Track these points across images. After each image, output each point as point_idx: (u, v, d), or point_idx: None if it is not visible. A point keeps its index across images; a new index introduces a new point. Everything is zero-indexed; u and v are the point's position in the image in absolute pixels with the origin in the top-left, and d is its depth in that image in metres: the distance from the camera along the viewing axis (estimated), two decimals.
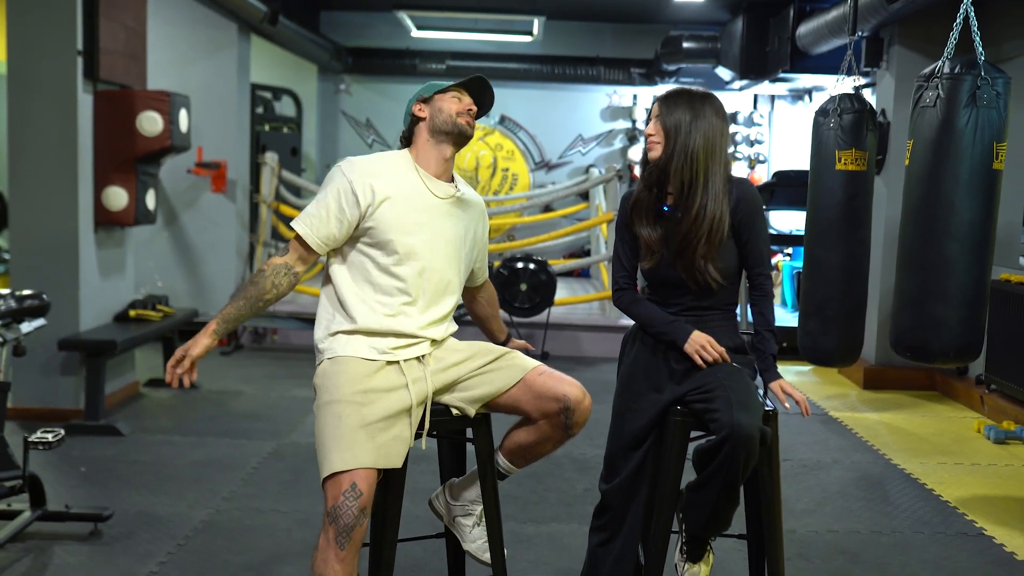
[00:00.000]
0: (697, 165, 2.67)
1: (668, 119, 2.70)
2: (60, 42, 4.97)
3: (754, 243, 2.75)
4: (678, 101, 2.71)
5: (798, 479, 4.56)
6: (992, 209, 3.64)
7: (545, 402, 2.61)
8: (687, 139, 2.67)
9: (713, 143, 2.69)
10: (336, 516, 2.35)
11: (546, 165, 10.85)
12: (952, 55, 3.66)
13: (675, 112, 2.70)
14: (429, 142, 2.70)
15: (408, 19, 9.15)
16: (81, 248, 5.13)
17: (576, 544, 3.60)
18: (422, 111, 2.71)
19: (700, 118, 2.69)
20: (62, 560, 3.41)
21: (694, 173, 2.67)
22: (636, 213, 2.78)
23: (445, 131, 2.68)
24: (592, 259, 8.37)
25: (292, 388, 6.13)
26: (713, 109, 2.72)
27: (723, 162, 2.72)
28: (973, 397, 5.99)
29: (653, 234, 2.74)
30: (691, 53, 9.14)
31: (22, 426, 4.88)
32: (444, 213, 2.67)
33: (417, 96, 2.73)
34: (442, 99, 2.69)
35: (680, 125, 2.68)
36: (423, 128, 2.71)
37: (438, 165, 2.70)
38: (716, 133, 2.70)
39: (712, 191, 2.68)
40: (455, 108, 2.68)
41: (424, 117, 2.70)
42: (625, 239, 2.82)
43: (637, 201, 2.78)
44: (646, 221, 2.76)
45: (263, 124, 8.79)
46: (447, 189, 2.70)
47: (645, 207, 2.76)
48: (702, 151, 2.67)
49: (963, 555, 3.70)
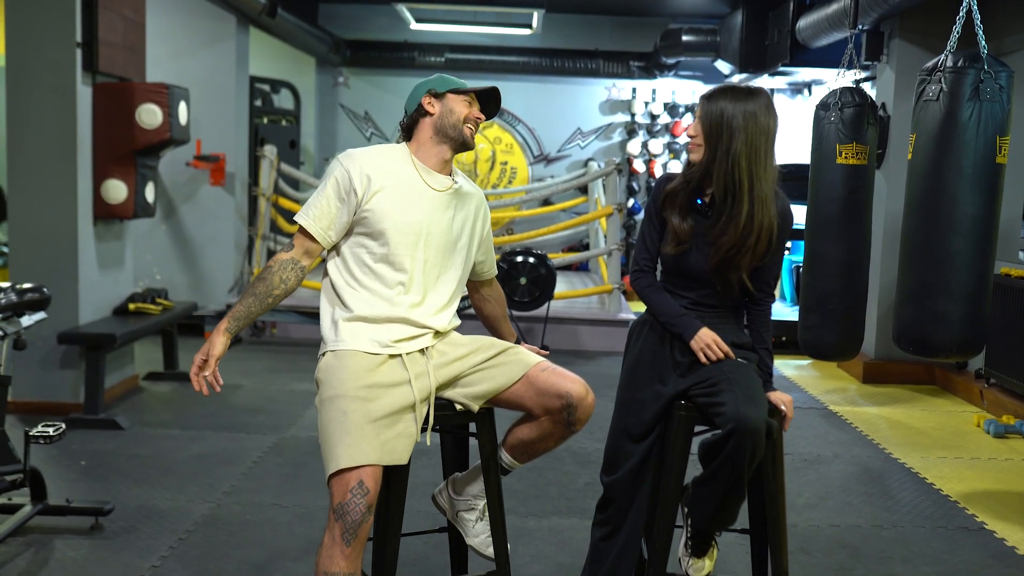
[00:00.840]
0: (740, 172, 2.59)
1: (709, 120, 2.62)
2: (59, 34, 4.95)
3: (773, 262, 2.73)
4: (721, 100, 2.62)
5: (799, 473, 4.56)
6: (995, 203, 3.64)
7: (548, 399, 2.60)
8: (729, 143, 2.59)
9: (757, 148, 2.60)
10: (343, 513, 2.34)
11: (545, 158, 10.84)
12: (955, 48, 3.65)
13: (717, 112, 2.61)
14: (432, 140, 2.68)
15: (407, 12, 9.13)
16: (80, 241, 5.11)
17: (578, 538, 3.60)
18: (432, 106, 2.67)
19: (744, 119, 2.59)
20: (63, 554, 3.41)
21: (737, 180, 2.59)
22: (669, 201, 2.72)
23: (450, 135, 2.66)
24: (591, 253, 8.36)
25: (292, 382, 6.13)
26: (760, 107, 2.61)
27: (770, 165, 2.63)
28: (973, 391, 5.99)
29: (683, 224, 2.69)
30: (690, 46, 9.13)
31: (22, 420, 4.87)
32: (441, 205, 2.65)
33: (428, 87, 2.68)
34: (455, 101, 2.67)
35: (721, 128, 2.60)
36: (428, 124, 2.68)
37: (437, 162, 2.69)
38: (760, 136, 2.60)
39: (759, 197, 2.60)
40: (465, 113, 2.66)
41: (432, 113, 2.67)
42: (654, 222, 2.78)
43: (672, 191, 2.72)
44: (678, 211, 2.70)
45: (261, 117, 8.78)
46: (444, 182, 2.68)
47: (682, 196, 2.71)
48: (744, 157, 2.58)
49: (964, 549, 3.70)
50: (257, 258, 7.62)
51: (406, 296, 2.61)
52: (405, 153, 2.69)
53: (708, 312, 2.74)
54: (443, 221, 2.65)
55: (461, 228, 2.71)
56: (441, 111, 2.66)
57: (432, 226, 2.63)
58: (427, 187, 2.65)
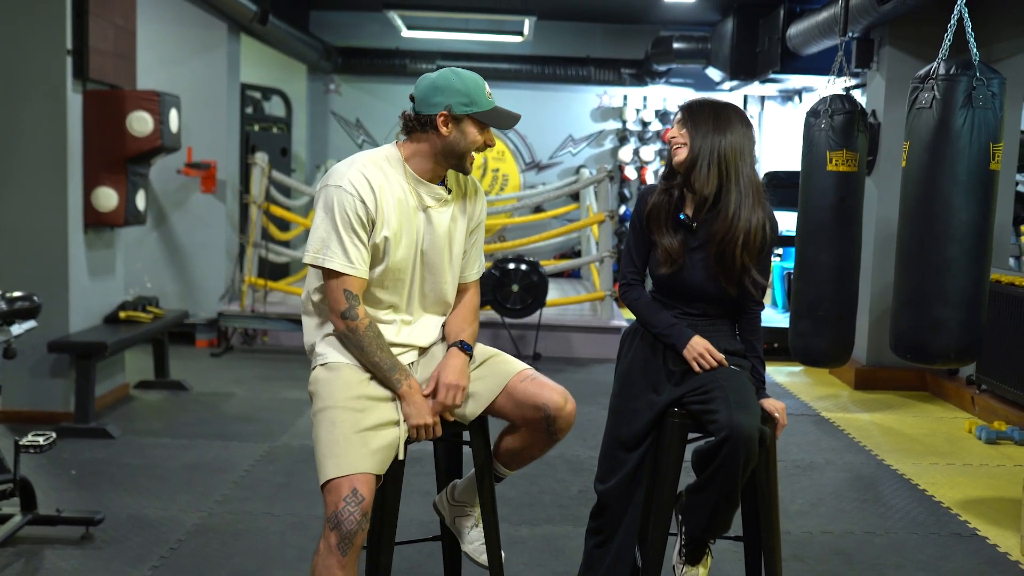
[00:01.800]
0: (727, 164, 2.64)
1: (693, 121, 2.67)
2: (49, 41, 4.93)
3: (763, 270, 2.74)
4: (702, 106, 2.70)
5: (791, 480, 4.56)
6: (989, 210, 3.65)
7: (526, 410, 2.56)
8: (714, 139, 2.64)
9: (741, 147, 2.66)
10: (338, 522, 2.33)
11: (536, 166, 10.84)
12: (947, 56, 3.66)
13: (700, 116, 2.68)
14: (433, 158, 2.53)
15: (398, 19, 9.13)
16: (71, 249, 5.09)
17: (571, 546, 3.59)
18: (446, 127, 2.48)
19: (725, 121, 2.66)
20: (53, 564, 3.38)
21: (723, 173, 2.64)
22: (654, 222, 2.75)
23: (452, 162, 2.54)
24: (583, 260, 8.37)
25: (283, 390, 6.10)
26: (738, 116, 2.69)
27: (753, 168, 2.69)
28: (964, 397, 6.01)
29: (673, 242, 2.71)
30: (681, 54, 9.15)
31: (12, 429, 4.84)
32: (435, 219, 2.57)
33: (448, 103, 2.47)
34: (472, 131, 2.50)
35: (707, 126, 2.66)
36: (435, 141, 2.50)
37: (431, 175, 2.57)
38: (742, 137, 2.67)
39: (743, 191, 2.64)
40: (478, 144, 2.52)
41: (445, 135, 2.49)
42: (640, 235, 2.79)
43: (654, 207, 2.74)
44: (665, 229, 2.73)
45: (253, 124, 8.76)
46: (438, 192, 2.58)
47: (664, 215, 2.73)
48: (730, 150, 2.64)
49: (957, 555, 3.71)
50: (248, 266, 7.60)
51: (397, 315, 2.59)
52: (396, 161, 2.55)
53: (701, 320, 2.75)
54: (438, 236, 2.58)
55: (455, 236, 2.63)
56: (455, 136, 2.49)
57: (426, 243, 2.57)
58: (421, 203, 2.55)
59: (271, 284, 7.73)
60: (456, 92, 2.48)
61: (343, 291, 2.47)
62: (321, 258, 2.46)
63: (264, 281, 7.58)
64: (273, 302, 7.67)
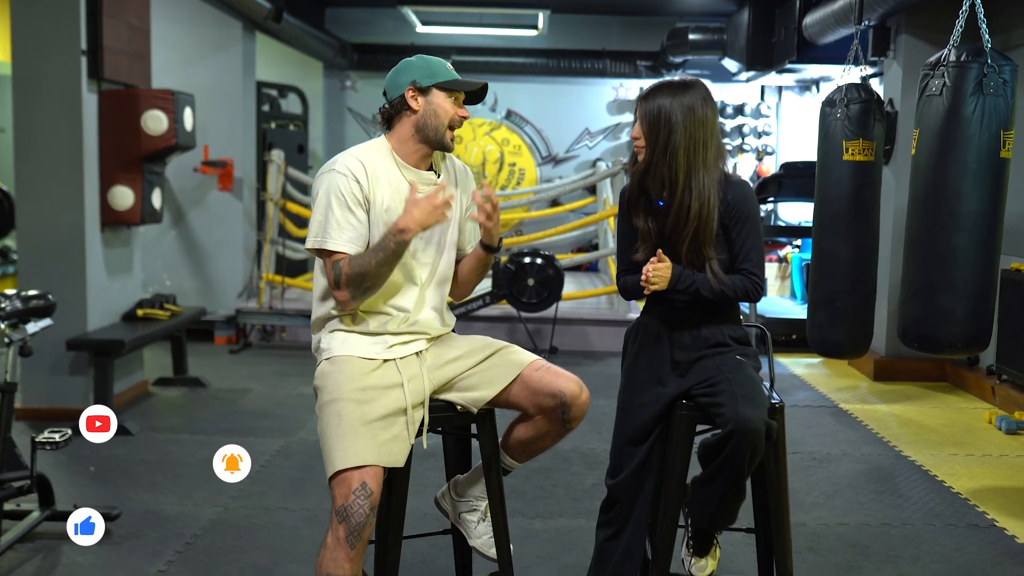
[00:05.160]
0: (677, 166, 2.62)
1: (648, 119, 2.65)
2: (64, 42, 4.98)
3: (741, 243, 2.69)
4: (658, 97, 2.65)
5: (808, 472, 4.54)
6: (1000, 198, 3.61)
7: (542, 398, 2.59)
8: (668, 139, 2.62)
9: (696, 140, 2.62)
10: (347, 515, 2.34)
11: (553, 159, 10.83)
12: (958, 43, 3.62)
13: (654, 111, 2.64)
14: (413, 138, 2.58)
15: (413, 14, 9.14)
16: (88, 248, 5.14)
17: (584, 539, 3.59)
18: (415, 100, 2.55)
19: (682, 113, 2.61)
20: (71, 560, 3.42)
21: (674, 174, 2.63)
22: (632, 206, 2.77)
23: (431, 137, 2.57)
24: (600, 253, 8.35)
25: (300, 386, 6.14)
26: (697, 99, 2.64)
27: (711, 156, 2.64)
28: (984, 388, 5.95)
29: (647, 227, 2.73)
30: (697, 45, 9.10)
31: (31, 426, 4.89)
32: None
33: (412, 75, 2.56)
34: (440, 100, 2.56)
35: (659, 125, 2.63)
36: (409, 122, 2.57)
37: (418, 159, 2.62)
38: (698, 128, 2.62)
39: (695, 189, 2.62)
40: (450, 116, 2.56)
41: (416, 110, 2.55)
42: (628, 223, 2.81)
43: (631, 194, 2.77)
44: (642, 214, 2.75)
45: (269, 122, 8.80)
46: (428, 178, 2.62)
47: (639, 201, 2.76)
48: (683, 150, 2.61)
49: (974, 547, 3.68)
50: (266, 263, 7.64)
51: (398, 300, 2.60)
52: (386, 151, 2.60)
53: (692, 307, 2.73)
54: None
55: (449, 220, 2.65)
56: (425, 110, 2.55)
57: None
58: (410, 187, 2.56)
59: (288, 280, 7.77)
60: (417, 68, 2.58)
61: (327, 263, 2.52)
62: (320, 240, 2.50)
63: (281, 278, 7.62)
64: (290, 298, 7.71)
